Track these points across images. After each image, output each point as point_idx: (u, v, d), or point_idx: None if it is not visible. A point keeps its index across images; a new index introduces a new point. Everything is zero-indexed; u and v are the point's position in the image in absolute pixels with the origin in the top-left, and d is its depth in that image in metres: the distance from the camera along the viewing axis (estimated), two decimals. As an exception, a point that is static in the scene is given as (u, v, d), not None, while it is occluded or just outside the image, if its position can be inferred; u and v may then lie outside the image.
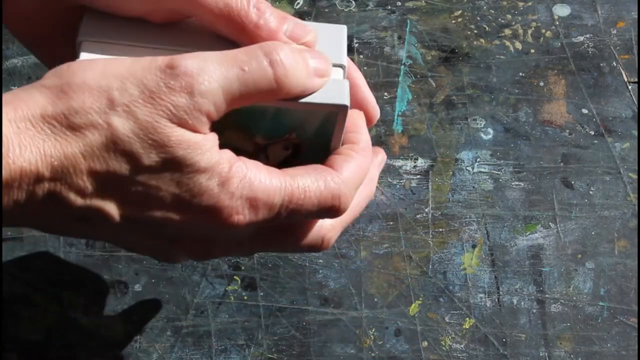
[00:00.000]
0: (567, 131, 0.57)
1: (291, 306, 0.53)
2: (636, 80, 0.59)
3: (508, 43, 0.60)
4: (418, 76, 0.59)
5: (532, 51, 0.59)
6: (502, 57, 0.59)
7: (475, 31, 0.60)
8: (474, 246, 0.54)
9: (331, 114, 0.36)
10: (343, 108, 0.36)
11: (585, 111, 0.58)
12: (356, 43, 0.60)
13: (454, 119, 0.58)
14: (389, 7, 0.61)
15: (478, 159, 0.56)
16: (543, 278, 0.53)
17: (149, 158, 0.32)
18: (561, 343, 0.52)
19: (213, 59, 0.33)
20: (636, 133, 0.57)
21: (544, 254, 0.54)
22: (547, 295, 0.53)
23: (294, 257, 0.54)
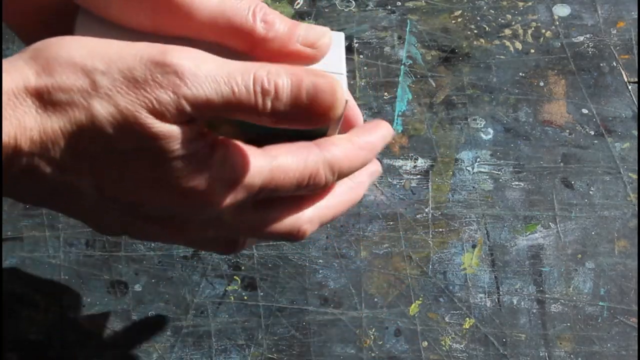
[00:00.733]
0: (567, 131, 0.57)
1: (291, 306, 0.53)
2: (636, 80, 0.59)
3: (508, 43, 0.60)
4: (418, 76, 0.59)
5: (532, 51, 0.59)
6: (502, 57, 0.59)
7: (475, 31, 0.60)
8: (474, 246, 0.54)
9: None
10: None
11: (585, 111, 0.58)
12: (356, 43, 0.60)
13: (454, 119, 0.58)
14: (389, 7, 0.61)
15: (478, 159, 0.56)
16: (543, 278, 0.53)
17: (126, 144, 0.31)
18: (561, 343, 0.52)
19: (209, 68, 0.32)
20: (636, 133, 0.57)
21: (544, 254, 0.54)
22: (547, 295, 0.53)
23: (294, 257, 0.54)
